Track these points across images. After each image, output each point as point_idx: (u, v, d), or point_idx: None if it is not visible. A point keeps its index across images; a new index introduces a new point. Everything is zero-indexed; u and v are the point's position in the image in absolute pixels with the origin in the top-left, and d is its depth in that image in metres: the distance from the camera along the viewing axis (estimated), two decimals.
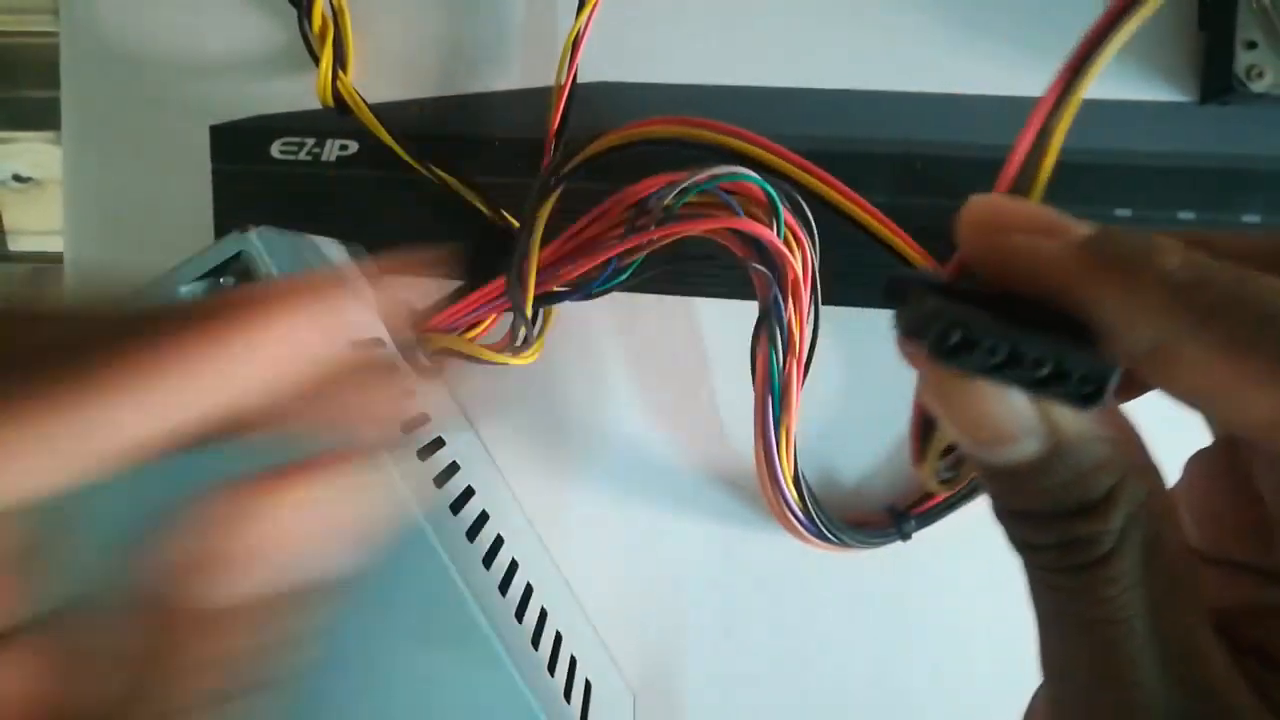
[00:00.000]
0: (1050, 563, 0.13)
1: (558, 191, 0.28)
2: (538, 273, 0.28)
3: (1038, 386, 0.12)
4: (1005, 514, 0.14)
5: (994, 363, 0.12)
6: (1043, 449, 0.13)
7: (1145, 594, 0.12)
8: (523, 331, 0.29)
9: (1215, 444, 0.16)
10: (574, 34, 0.31)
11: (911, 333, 0.13)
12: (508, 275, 0.28)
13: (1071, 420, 0.13)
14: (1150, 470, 0.13)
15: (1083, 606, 0.13)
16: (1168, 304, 0.12)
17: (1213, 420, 0.16)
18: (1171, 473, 0.16)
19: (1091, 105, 0.33)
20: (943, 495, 0.32)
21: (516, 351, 0.30)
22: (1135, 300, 0.12)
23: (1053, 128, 0.14)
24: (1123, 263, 0.12)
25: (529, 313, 0.28)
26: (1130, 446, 0.13)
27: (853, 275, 0.33)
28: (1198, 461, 0.16)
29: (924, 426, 0.25)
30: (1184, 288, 0.12)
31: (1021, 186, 0.14)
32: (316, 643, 0.13)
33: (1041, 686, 0.15)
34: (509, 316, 0.30)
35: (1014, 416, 0.13)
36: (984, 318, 0.12)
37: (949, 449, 0.26)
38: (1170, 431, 0.15)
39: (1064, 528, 0.13)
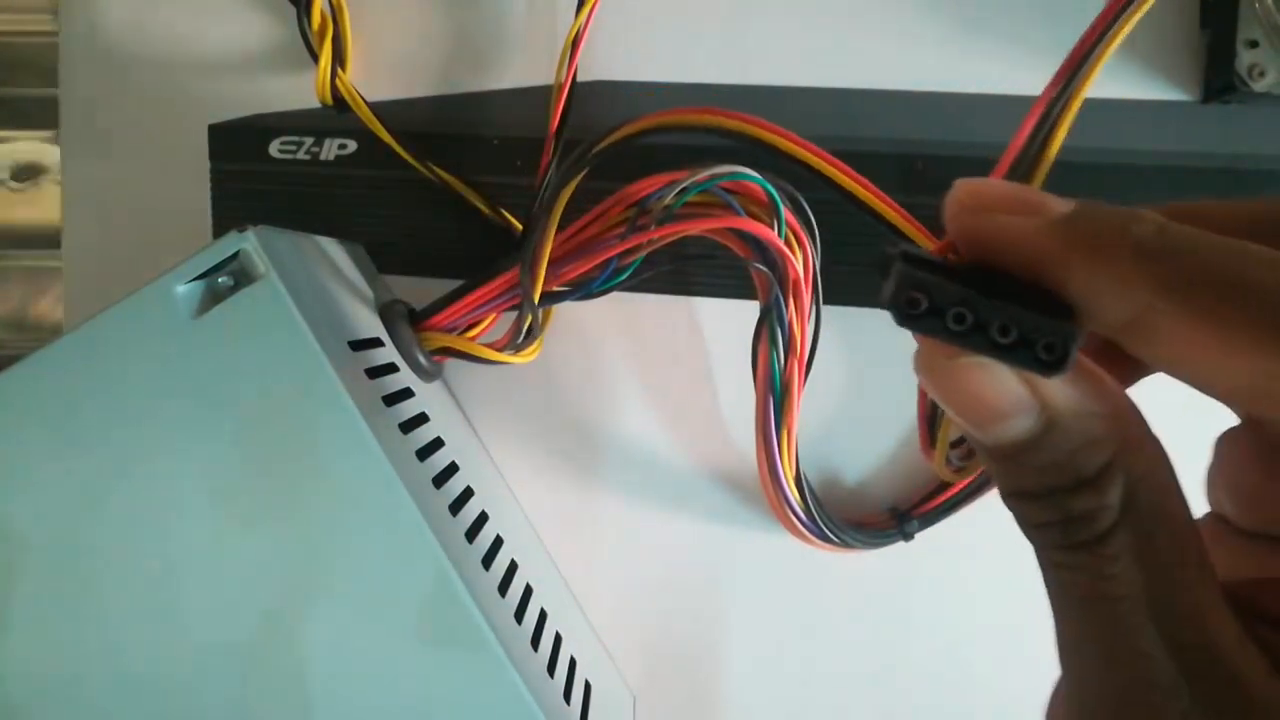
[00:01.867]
0: (1054, 541, 0.13)
1: (581, 175, 0.27)
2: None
3: (1003, 352, 0.12)
4: (1009, 496, 0.14)
5: (958, 329, 0.12)
6: (1035, 426, 0.13)
7: (1150, 567, 0.12)
8: (529, 321, 0.29)
9: (1243, 422, 0.16)
10: (574, 33, 0.31)
11: (887, 301, 0.13)
12: (520, 261, 0.28)
13: (1062, 396, 0.13)
14: (1148, 444, 0.13)
15: (1088, 583, 0.13)
16: (1138, 273, 0.12)
17: (1195, 388, 0.16)
18: (1203, 452, 0.16)
19: (1092, 104, 0.33)
20: (944, 496, 0.32)
21: (517, 348, 0.30)
22: (1106, 272, 0.12)
23: (1054, 118, 0.14)
24: (1096, 236, 0.12)
25: (537, 299, 0.28)
26: (1127, 421, 0.13)
27: (854, 275, 0.33)
28: (1227, 439, 0.16)
29: (931, 413, 0.25)
30: (1155, 256, 0.12)
31: (1020, 175, 0.14)
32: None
33: (1060, 674, 0.15)
34: (509, 316, 0.30)
35: (1005, 393, 0.13)
36: (951, 286, 0.12)
37: (960, 439, 0.26)
38: (1200, 411, 0.15)
39: (1062, 505, 0.13)
